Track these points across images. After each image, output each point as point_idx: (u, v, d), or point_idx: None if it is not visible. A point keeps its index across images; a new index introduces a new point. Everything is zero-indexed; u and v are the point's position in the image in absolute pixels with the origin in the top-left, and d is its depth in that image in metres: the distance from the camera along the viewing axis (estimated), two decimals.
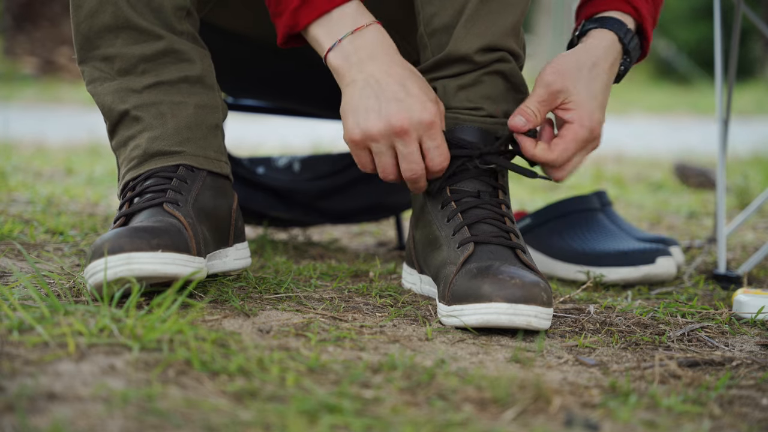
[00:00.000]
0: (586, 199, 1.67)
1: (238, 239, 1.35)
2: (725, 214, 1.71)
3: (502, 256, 1.22)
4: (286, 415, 0.86)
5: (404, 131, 1.22)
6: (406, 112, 1.21)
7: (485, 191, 1.28)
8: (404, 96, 1.22)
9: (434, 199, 1.30)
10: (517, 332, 1.21)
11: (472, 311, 1.18)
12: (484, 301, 1.17)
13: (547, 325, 1.19)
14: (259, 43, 1.59)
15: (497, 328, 1.18)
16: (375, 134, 1.22)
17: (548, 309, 1.18)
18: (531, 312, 1.16)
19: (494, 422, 0.91)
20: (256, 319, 1.17)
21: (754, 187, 2.87)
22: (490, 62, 1.28)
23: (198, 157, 1.29)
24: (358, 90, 1.22)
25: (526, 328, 1.17)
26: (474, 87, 1.29)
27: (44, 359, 0.94)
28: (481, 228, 1.25)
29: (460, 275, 1.21)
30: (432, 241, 1.29)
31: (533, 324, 1.17)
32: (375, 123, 1.22)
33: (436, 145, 1.24)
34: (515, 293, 1.16)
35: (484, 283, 1.17)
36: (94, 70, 1.31)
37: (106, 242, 1.14)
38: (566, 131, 1.27)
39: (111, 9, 1.27)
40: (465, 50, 1.27)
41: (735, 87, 1.83)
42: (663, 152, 4.30)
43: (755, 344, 1.24)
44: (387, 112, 1.21)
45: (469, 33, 1.27)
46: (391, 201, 1.81)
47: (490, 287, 1.17)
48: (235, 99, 1.84)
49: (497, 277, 1.17)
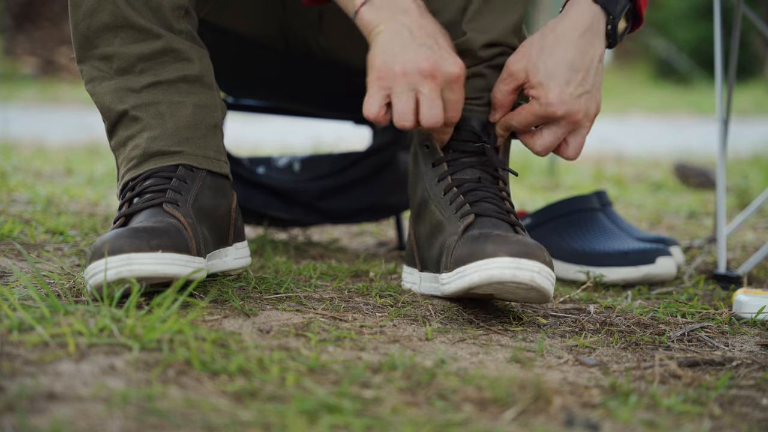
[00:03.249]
0: (586, 199, 1.67)
1: (238, 239, 1.35)
2: (725, 214, 1.71)
3: (502, 228, 1.24)
4: (286, 415, 0.86)
5: (432, 75, 1.21)
6: (436, 60, 1.21)
7: (485, 178, 1.31)
8: (435, 46, 1.22)
9: (436, 188, 1.31)
10: (517, 332, 1.21)
11: (474, 269, 1.18)
12: (488, 257, 1.17)
13: (550, 287, 1.19)
14: (260, 43, 1.59)
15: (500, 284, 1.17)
16: (402, 72, 1.21)
17: (551, 270, 1.19)
18: (534, 267, 1.16)
19: (494, 422, 0.91)
20: (256, 319, 1.17)
21: (754, 187, 2.87)
22: (493, 56, 1.32)
23: (197, 156, 1.29)
24: (390, 36, 1.22)
25: (529, 284, 1.16)
26: (476, 79, 1.32)
27: (44, 359, 0.94)
28: (483, 205, 1.27)
29: (461, 241, 1.22)
30: (435, 227, 1.30)
31: (536, 280, 1.16)
32: (405, 62, 1.20)
33: (456, 98, 1.24)
34: (518, 249, 1.17)
35: (486, 243, 1.19)
36: (92, 69, 1.30)
37: (106, 243, 1.14)
38: (527, 105, 1.29)
39: (109, 8, 1.27)
40: (469, 45, 1.30)
41: (735, 87, 1.83)
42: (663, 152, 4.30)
43: (755, 344, 1.24)
44: (418, 54, 1.21)
45: (473, 30, 1.30)
46: (391, 201, 1.81)
47: (493, 245, 1.18)
48: (235, 99, 1.84)
49: (500, 237, 1.19)
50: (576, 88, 1.27)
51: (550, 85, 1.26)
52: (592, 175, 3.39)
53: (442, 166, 1.32)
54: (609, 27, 1.28)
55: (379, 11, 1.23)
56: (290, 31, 1.57)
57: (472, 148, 1.31)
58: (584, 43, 1.27)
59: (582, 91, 1.28)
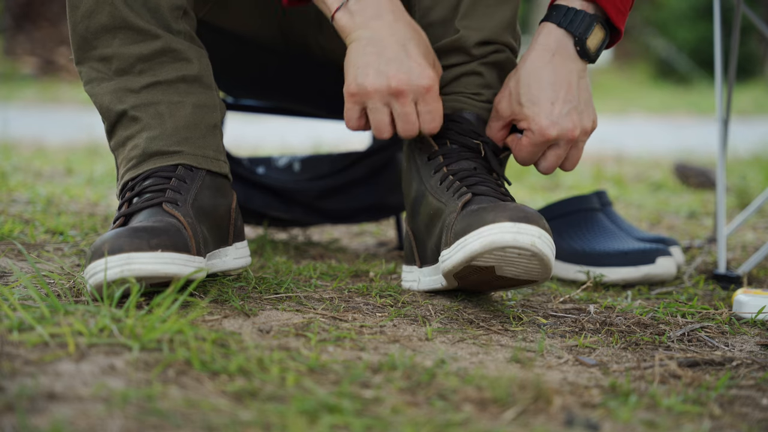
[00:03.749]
0: (586, 199, 1.67)
1: (238, 238, 1.35)
2: (725, 214, 1.71)
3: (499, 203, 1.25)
4: (286, 415, 0.86)
5: (401, 92, 1.25)
6: (404, 74, 1.25)
7: (480, 168, 1.32)
8: (404, 57, 1.25)
9: (432, 179, 1.32)
10: (517, 332, 1.21)
11: (475, 237, 1.18)
12: (488, 224, 1.18)
13: (550, 254, 1.19)
14: (259, 43, 1.59)
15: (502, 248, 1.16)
16: (372, 91, 1.25)
17: (550, 236, 1.19)
18: (535, 232, 1.16)
19: (494, 422, 0.91)
20: (256, 319, 1.17)
21: (754, 187, 2.87)
22: (487, 54, 1.33)
23: (197, 156, 1.29)
24: (361, 46, 1.26)
25: (530, 248, 1.16)
26: (472, 76, 1.34)
27: (44, 359, 0.94)
28: (479, 188, 1.28)
29: (460, 217, 1.23)
30: (433, 215, 1.30)
31: (537, 245, 1.16)
32: (373, 80, 1.25)
33: (429, 109, 1.27)
34: (518, 214, 1.17)
35: (485, 213, 1.19)
36: (91, 70, 1.31)
37: (105, 242, 1.14)
38: (524, 138, 1.32)
39: (108, 9, 1.27)
40: (462, 43, 1.32)
41: (735, 87, 1.83)
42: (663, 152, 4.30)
43: (755, 344, 1.24)
44: (386, 71, 1.25)
45: (466, 27, 1.32)
46: (392, 201, 1.81)
47: (493, 213, 1.18)
48: (234, 99, 1.84)
49: (498, 206, 1.19)
50: (562, 106, 1.30)
51: (536, 112, 1.29)
52: (592, 175, 3.39)
53: (438, 159, 1.33)
54: (578, 47, 1.31)
55: (353, 17, 1.26)
56: (289, 31, 1.57)
57: (470, 143, 1.32)
58: (557, 64, 1.31)
59: (569, 107, 1.30)
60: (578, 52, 1.31)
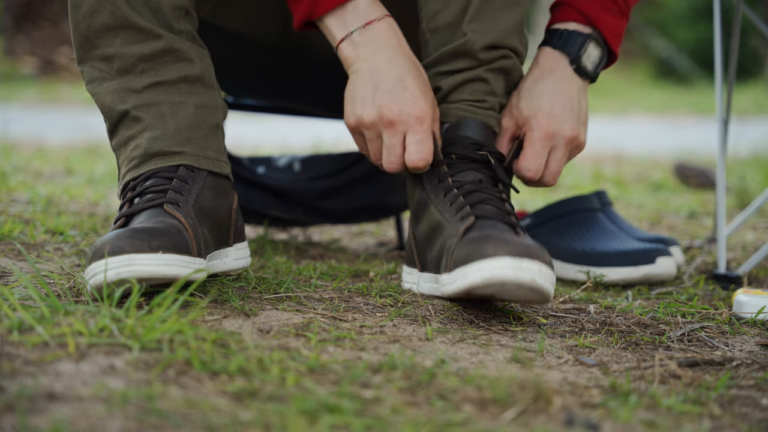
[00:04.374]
0: (586, 199, 1.67)
1: (238, 239, 1.35)
2: (725, 214, 1.71)
3: (502, 230, 1.24)
4: (286, 415, 0.86)
5: (391, 123, 1.28)
6: (396, 105, 1.27)
7: (486, 180, 1.31)
8: (399, 89, 1.28)
9: (436, 189, 1.32)
10: (517, 332, 1.21)
11: (476, 269, 1.18)
12: (488, 257, 1.17)
13: (550, 288, 1.18)
14: (260, 44, 1.59)
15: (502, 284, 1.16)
16: (366, 122, 1.29)
17: (552, 271, 1.19)
18: (535, 267, 1.16)
19: (494, 422, 0.91)
20: (256, 319, 1.17)
21: (754, 187, 2.87)
22: (494, 59, 1.33)
23: (198, 157, 1.29)
24: (360, 78, 1.29)
25: (530, 284, 1.16)
26: (477, 83, 1.34)
27: (44, 359, 0.94)
28: (483, 207, 1.28)
29: (461, 243, 1.23)
30: (434, 229, 1.30)
31: (537, 281, 1.16)
32: (367, 111, 1.29)
33: (416, 140, 1.29)
34: (519, 249, 1.17)
35: (487, 244, 1.19)
36: (93, 69, 1.31)
37: (106, 243, 1.14)
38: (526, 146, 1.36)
39: (110, 8, 1.27)
40: (469, 47, 1.32)
41: (735, 87, 1.83)
42: (663, 152, 4.30)
43: (755, 344, 1.24)
44: (380, 102, 1.28)
45: (473, 31, 1.31)
46: (392, 201, 1.81)
47: (494, 247, 1.18)
48: (235, 98, 1.84)
49: (500, 239, 1.19)
50: (561, 109, 1.35)
51: (536, 112, 1.35)
52: (592, 175, 3.39)
53: (442, 167, 1.32)
54: (574, 65, 1.38)
55: (356, 49, 1.29)
56: (290, 31, 1.57)
57: (476, 155, 1.32)
58: (557, 78, 1.37)
59: (568, 110, 1.35)
60: (575, 71, 1.37)
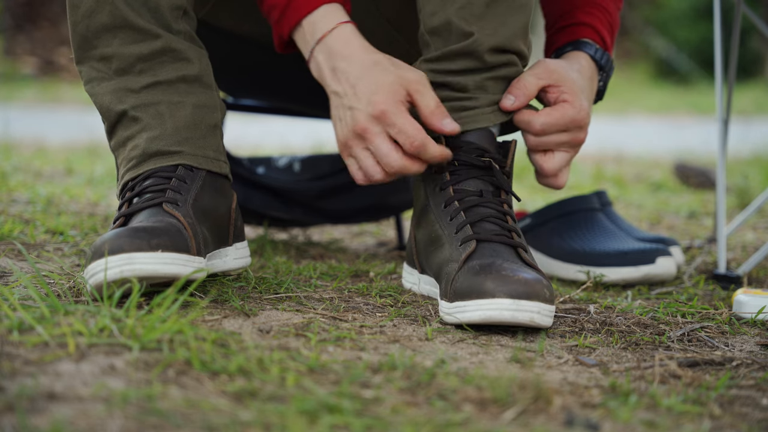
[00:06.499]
0: (586, 199, 1.67)
1: (238, 239, 1.35)
2: (725, 214, 1.71)
3: (503, 255, 1.23)
4: (286, 415, 0.86)
5: (363, 130, 1.25)
6: (357, 114, 1.25)
7: (488, 190, 1.29)
8: (354, 100, 1.25)
9: (437, 197, 1.30)
10: (518, 332, 1.21)
11: (474, 307, 1.18)
12: (487, 297, 1.17)
13: (549, 322, 1.19)
14: (259, 44, 1.59)
15: (500, 324, 1.18)
16: (346, 142, 1.27)
17: (551, 306, 1.18)
18: (534, 308, 1.16)
19: (494, 422, 0.91)
20: (256, 319, 1.17)
21: (754, 187, 2.87)
22: (499, 65, 1.30)
23: (197, 156, 1.29)
24: (332, 102, 1.28)
25: (528, 324, 1.17)
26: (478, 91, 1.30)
27: (44, 359, 0.94)
28: (484, 226, 1.26)
29: (462, 272, 1.21)
30: (434, 240, 1.29)
31: (536, 320, 1.17)
32: (342, 131, 1.27)
33: (397, 130, 1.24)
34: (518, 289, 1.16)
35: (486, 279, 1.18)
36: (91, 70, 1.31)
37: (106, 242, 1.14)
38: (557, 106, 1.35)
39: (108, 8, 1.27)
40: (476, 47, 1.27)
41: (735, 87, 1.83)
42: (663, 152, 4.30)
43: (755, 344, 1.24)
44: (345, 119, 1.26)
45: (481, 30, 1.27)
46: (392, 201, 1.81)
47: (493, 284, 1.17)
48: (235, 99, 1.84)
49: (500, 274, 1.18)
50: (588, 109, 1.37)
51: (580, 95, 1.35)
52: (592, 175, 3.38)
53: (445, 174, 1.31)
54: (601, 83, 1.43)
55: (319, 70, 1.28)
56: None
57: (478, 162, 1.29)
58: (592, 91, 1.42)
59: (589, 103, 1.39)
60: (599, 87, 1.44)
